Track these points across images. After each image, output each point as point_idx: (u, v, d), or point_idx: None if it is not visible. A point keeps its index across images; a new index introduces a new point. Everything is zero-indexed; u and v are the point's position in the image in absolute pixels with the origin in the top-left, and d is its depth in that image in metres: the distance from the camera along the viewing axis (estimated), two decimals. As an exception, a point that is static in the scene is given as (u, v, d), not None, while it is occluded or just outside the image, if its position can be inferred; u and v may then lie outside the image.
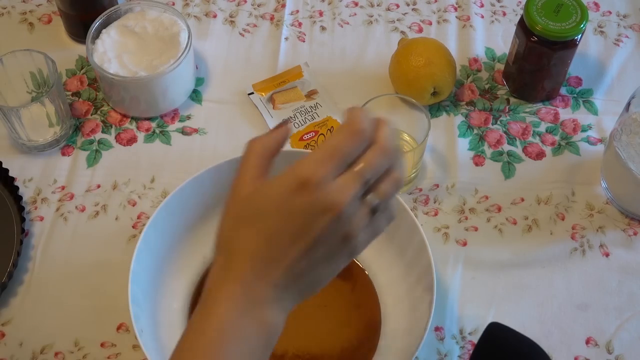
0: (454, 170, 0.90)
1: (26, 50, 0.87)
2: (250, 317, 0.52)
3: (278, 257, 0.52)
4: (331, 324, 0.79)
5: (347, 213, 0.52)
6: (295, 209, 0.52)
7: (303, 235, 0.52)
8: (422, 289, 0.74)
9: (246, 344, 0.52)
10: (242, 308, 0.52)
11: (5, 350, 0.78)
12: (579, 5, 0.87)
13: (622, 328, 0.80)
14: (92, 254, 0.84)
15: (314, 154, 0.52)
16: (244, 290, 0.52)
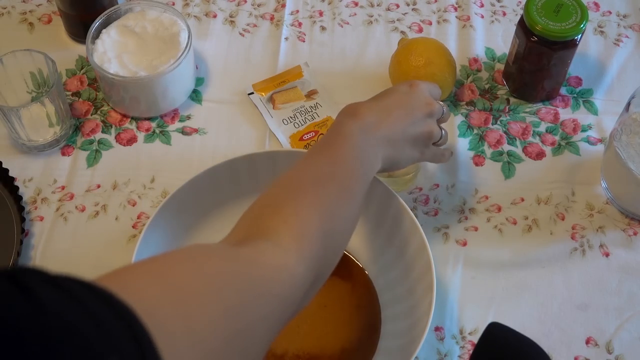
0: (454, 170, 0.90)
1: (26, 50, 0.87)
2: (368, 139, 0.70)
3: (389, 120, 0.72)
4: (331, 324, 0.79)
5: (434, 115, 0.76)
6: (407, 92, 0.76)
7: (408, 112, 0.74)
8: (422, 289, 0.74)
9: (366, 150, 0.69)
10: (365, 133, 0.70)
11: (5, 350, 0.78)
12: (579, 5, 0.87)
13: (622, 328, 0.80)
14: (92, 254, 0.84)
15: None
16: (365, 126, 0.70)
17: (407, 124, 0.73)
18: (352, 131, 0.69)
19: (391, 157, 0.72)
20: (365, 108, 0.72)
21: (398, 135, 0.72)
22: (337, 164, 0.67)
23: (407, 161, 0.75)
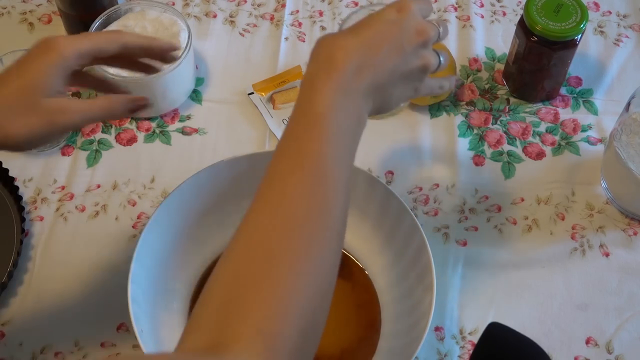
0: (454, 170, 0.90)
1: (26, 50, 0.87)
2: (349, 99, 0.59)
3: (375, 61, 0.61)
4: (331, 324, 0.78)
5: (429, 44, 0.65)
6: (395, 21, 0.62)
7: (397, 46, 0.62)
8: (422, 289, 0.74)
9: (347, 120, 0.59)
10: (344, 92, 0.58)
11: (5, 350, 0.78)
12: (579, 5, 0.87)
13: (622, 328, 0.80)
14: (92, 254, 0.84)
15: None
16: (345, 81, 0.59)
17: (398, 62, 0.62)
18: (328, 100, 0.57)
19: (379, 104, 0.63)
20: (343, 50, 0.59)
21: (386, 77, 0.62)
22: (314, 191, 0.55)
23: (398, 103, 0.67)
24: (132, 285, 0.71)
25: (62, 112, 0.63)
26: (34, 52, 0.63)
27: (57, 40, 0.62)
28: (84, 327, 0.79)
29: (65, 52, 0.62)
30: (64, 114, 0.63)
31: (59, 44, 0.62)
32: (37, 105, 0.62)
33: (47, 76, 0.62)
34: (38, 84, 0.61)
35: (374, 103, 0.62)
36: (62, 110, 0.63)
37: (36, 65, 0.62)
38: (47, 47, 0.62)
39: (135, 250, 0.73)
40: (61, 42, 0.62)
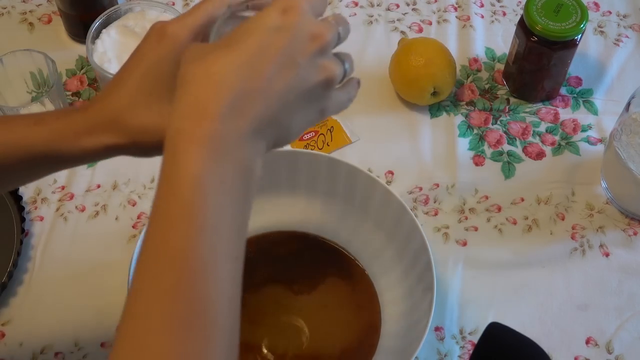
0: (454, 170, 0.90)
1: (26, 50, 0.87)
2: (228, 159, 0.47)
3: (260, 86, 0.48)
4: (331, 324, 0.79)
5: (330, 48, 0.52)
6: (280, 28, 0.48)
7: (288, 61, 0.48)
8: (422, 289, 0.74)
9: (227, 193, 0.47)
10: (219, 150, 0.46)
11: (5, 350, 0.78)
12: (579, 5, 0.87)
13: (622, 328, 0.80)
14: (92, 254, 0.84)
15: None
16: (221, 128, 0.46)
17: (291, 82, 0.49)
18: (198, 168, 0.45)
19: (274, 139, 0.50)
20: (215, 83, 0.46)
21: (279, 105, 0.48)
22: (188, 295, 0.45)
23: (301, 132, 0.53)
24: (132, 285, 0.71)
25: None
26: (146, 45, 0.57)
27: (167, 26, 0.56)
28: (84, 327, 0.79)
29: (178, 35, 0.56)
30: None
31: (169, 29, 0.56)
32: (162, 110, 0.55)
33: (168, 66, 0.55)
34: (159, 76, 0.56)
35: (267, 141, 0.49)
36: None
37: (151, 57, 0.56)
38: (159, 35, 0.56)
39: (135, 250, 0.73)
40: (171, 26, 0.56)
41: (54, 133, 0.56)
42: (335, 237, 0.83)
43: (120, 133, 0.55)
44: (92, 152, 0.56)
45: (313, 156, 0.80)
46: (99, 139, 0.56)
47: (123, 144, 0.56)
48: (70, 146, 0.56)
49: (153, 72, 0.56)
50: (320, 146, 0.91)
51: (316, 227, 0.83)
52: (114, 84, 0.57)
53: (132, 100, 0.55)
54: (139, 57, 0.57)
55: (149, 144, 0.56)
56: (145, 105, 0.55)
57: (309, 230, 0.83)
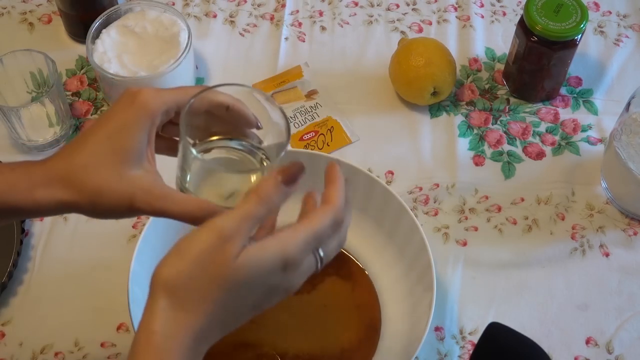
0: (454, 170, 0.90)
1: (26, 50, 0.87)
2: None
3: (233, 322, 0.54)
4: (331, 324, 0.79)
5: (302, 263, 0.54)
6: (273, 287, 0.53)
7: (262, 303, 0.54)
8: (422, 289, 0.74)
9: None
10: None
11: (5, 350, 0.78)
12: (579, 5, 0.87)
13: (622, 328, 0.80)
14: (92, 254, 0.84)
15: (303, 236, 0.53)
16: (194, 345, 0.51)
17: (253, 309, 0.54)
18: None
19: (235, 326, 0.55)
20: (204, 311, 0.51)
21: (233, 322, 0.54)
22: None
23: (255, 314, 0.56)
24: (132, 285, 0.71)
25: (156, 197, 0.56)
26: (116, 106, 0.57)
27: (141, 92, 0.57)
28: (84, 327, 0.79)
29: (150, 104, 0.56)
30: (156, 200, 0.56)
31: (142, 96, 0.56)
32: (123, 174, 0.56)
33: (134, 131, 0.56)
34: (124, 140, 0.56)
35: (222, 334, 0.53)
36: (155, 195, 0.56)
37: (120, 118, 0.56)
38: (131, 99, 0.56)
39: (135, 250, 0.73)
40: (145, 94, 0.56)
41: (7, 184, 0.55)
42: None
43: (75, 190, 0.55)
44: (46, 206, 0.56)
45: (313, 156, 0.80)
46: (54, 194, 0.55)
47: (78, 202, 0.56)
48: (23, 198, 0.55)
49: (118, 134, 0.56)
50: (320, 146, 0.91)
51: (316, 227, 0.83)
52: (79, 140, 0.57)
53: (93, 160, 0.56)
54: (107, 117, 0.57)
55: (104, 205, 0.56)
56: (106, 167, 0.56)
57: (309, 230, 0.83)
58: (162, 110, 0.57)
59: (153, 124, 0.57)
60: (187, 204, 0.57)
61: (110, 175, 0.56)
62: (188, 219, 0.57)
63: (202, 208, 0.56)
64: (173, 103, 0.57)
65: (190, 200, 0.57)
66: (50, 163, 0.56)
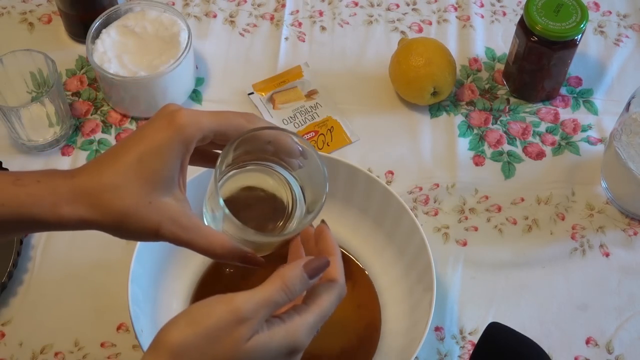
0: (454, 170, 0.90)
1: (26, 50, 0.87)
2: None
3: None
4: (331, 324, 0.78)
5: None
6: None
7: None
8: (422, 289, 0.74)
9: None
10: None
11: (5, 350, 0.78)
12: (579, 5, 0.87)
13: (622, 328, 0.80)
14: (92, 254, 0.84)
15: (312, 322, 0.54)
16: None
17: None
18: None
19: None
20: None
21: None
22: None
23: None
24: (132, 285, 0.71)
25: (182, 228, 0.55)
26: (153, 125, 0.55)
27: (181, 115, 0.54)
28: (84, 327, 0.79)
29: (188, 130, 0.54)
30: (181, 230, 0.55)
31: (182, 120, 0.54)
32: (153, 200, 0.54)
33: (168, 154, 0.54)
34: (157, 162, 0.54)
35: None
36: (182, 226, 0.55)
37: (154, 140, 0.54)
38: (169, 120, 0.54)
39: (135, 250, 0.73)
40: (185, 117, 0.54)
41: (32, 197, 0.54)
42: (335, 237, 0.82)
43: (101, 211, 0.54)
44: (69, 222, 0.54)
45: (313, 156, 0.80)
46: (78, 211, 0.54)
47: (102, 222, 0.54)
48: (48, 213, 0.54)
49: (152, 158, 0.54)
50: (320, 146, 0.91)
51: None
52: (108, 157, 0.55)
53: (122, 181, 0.54)
54: (141, 135, 0.55)
55: (129, 229, 0.55)
56: (135, 191, 0.54)
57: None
58: (199, 137, 0.54)
59: (187, 151, 0.55)
60: (213, 240, 0.56)
61: (139, 200, 0.54)
62: (211, 255, 0.57)
63: (226, 247, 0.56)
64: (210, 131, 0.55)
65: (215, 237, 0.56)
66: (77, 179, 0.54)
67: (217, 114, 0.56)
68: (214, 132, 0.55)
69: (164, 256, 0.78)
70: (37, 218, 0.54)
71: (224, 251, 0.56)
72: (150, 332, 0.72)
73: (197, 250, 0.56)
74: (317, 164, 0.57)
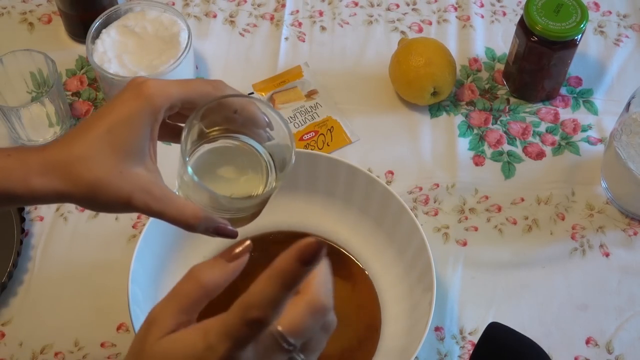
0: (454, 170, 0.90)
1: (26, 50, 0.87)
2: None
3: None
4: (331, 324, 0.79)
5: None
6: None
7: None
8: (422, 289, 0.74)
9: None
10: None
11: (5, 350, 0.78)
12: (579, 5, 0.87)
13: (622, 328, 0.80)
14: (92, 254, 0.84)
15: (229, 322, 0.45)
16: None
17: None
18: None
19: None
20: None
21: None
22: None
23: None
24: (132, 285, 0.71)
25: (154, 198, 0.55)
26: (121, 97, 0.55)
27: (148, 86, 0.55)
28: (84, 327, 0.79)
29: (155, 100, 0.55)
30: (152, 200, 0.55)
31: (149, 90, 0.55)
32: (123, 170, 0.54)
33: (137, 125, 0.55)
34: (127, 133, 0.54)
35: None
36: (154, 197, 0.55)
37: (123, 111, 0.55)
38: (137, 92, 0.55)
39: (135, 250, 0.73)
40: (152, 88, 0.55)
41: (2, 171, 0.54)
42: (335, 237, 0.83)
43: (72, 182, 0.54)
44: (42, 195, 0.54)
45: (313, 156, 0.80)
46: (50, 183, 0.54)
47: (74, 193, 0.54)
48: (19, 186, 0.54)
49: (121, 129, 0.55)
50: (320, 146, 0.91)
51: (316, 227, 0.83)
52: (79, 130, 0.55)
53: (92, 152, 0.54)
54: (110, 108, 0.55)
55: (101, 200, 0.55)
56: (105, 162, 0.54)
57: (309, 230, 0.83)
58: (166, 106, 0.56)
59: (156, 121, 0.56)
60: (185, 210, 0.56)
61: (109, 170, 0.54)
62: (183, 225, 0.56)
63: (199, 217, 0.56)
64: (178, 100, 0.56)
65: (187, 207, 0.56)
66: (48, 151, 0.55)
67: (184, 82, 0.57)
68: (182, 100, 0.56)
69: (164, 257, 0.78)
70: (9, 192, 0.54)
71: (197, 221, 0.56)
72: (150, 332, 0.72)
73: (169, 220, 0.56)
74: (283, 131, 0.57)
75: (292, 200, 0.83)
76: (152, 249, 0.76)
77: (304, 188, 0.82)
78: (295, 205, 0.83)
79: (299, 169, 0.81)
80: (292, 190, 0.82)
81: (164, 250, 0.78)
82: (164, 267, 0.78)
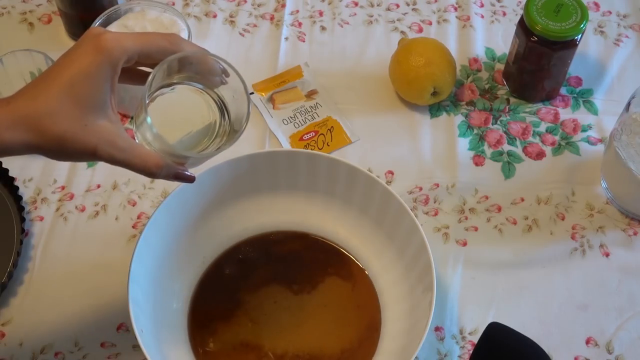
0: (454, 170, 0.90)
1: (26, 50, 0.87)
2: None
3: None
4: (331, 324, 0.79)
5: None
6: None
7: None
8: (422, 289, 0.74)
9: None
10: None
11: (5, 350, 0.78)
12: (579, 5, 0.87)
13: (622, 328, 0.80)
14: (92, 254, 0.84)
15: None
16: None
17: None
18: None
19: None
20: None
21: None
22: None
23: None
24: (132, 285, 0.71)
25: (118, 149, 0.60)
26: (79, 50, 0.59)
27: (105, 40, 0.58)
28: (84, 327, 0.79)
29: (113, 53, 0.58)
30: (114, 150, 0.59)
31: (107, 44, 0.58)
32: (87, 123, 0.58)
33: (95, 81, 0.58)
34: (87, 87, 0.58)
35: None
36: (118, 148, 0.60)
37: (83, 65, 0.58)
38: (94, 45, 0.58)
39: (135, 250, 0.73)
40: (110, 41, 0.58)
41: None
42: (335, 237, 0.83)
43: (40, 135, 0.57)
44: (13, 147, 0.57)
45: (313, 156, 0.80)
46: (20, 136, 0.57)
47: (43, 145, 0.58)
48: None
49: (82, 82, 0.58)
50: (320, 146, 0.91)
51: (316, 227, 0.83)
52: (42, 82, 0.58)
53: (58, 106, 0.57)
54: (70, 60, 0.59)
55: (68, 151, 0.59)
56: (70, 115, 0.58)
57: (309, 230, 0.83)
58: (124, 59, 0.59)
59: (115, 73, 0.59)
60: (147, 159, 0.60)
61: (74, 123, 0.58)
62: (147, 173, 0.61)
63: (160, 166, 0.61)
64: (134, 53, 0.59)
65: (149, 156, 0.61)
66: (14, 105, 0.57)
67: (141, 35, 0.61)
68: (138, 53, 0.60)
69: (164, 256, 0.78)
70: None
71: (158, 169, 0.61)
72: (150, 332, 0.72)
73: (133, 169, 0.61)
74: (237, 81, 0.63)
75: (292, 200, 0.83)
76: (152, 249, 0.76)
77: (304, 188, 0.82)
78: (295, 205, 0.83)
79: (299, 168, 0.81)
80: (292, 190, 0.82)
81: (164, 250, 0.78)
82: (164, 267, 0.78)
